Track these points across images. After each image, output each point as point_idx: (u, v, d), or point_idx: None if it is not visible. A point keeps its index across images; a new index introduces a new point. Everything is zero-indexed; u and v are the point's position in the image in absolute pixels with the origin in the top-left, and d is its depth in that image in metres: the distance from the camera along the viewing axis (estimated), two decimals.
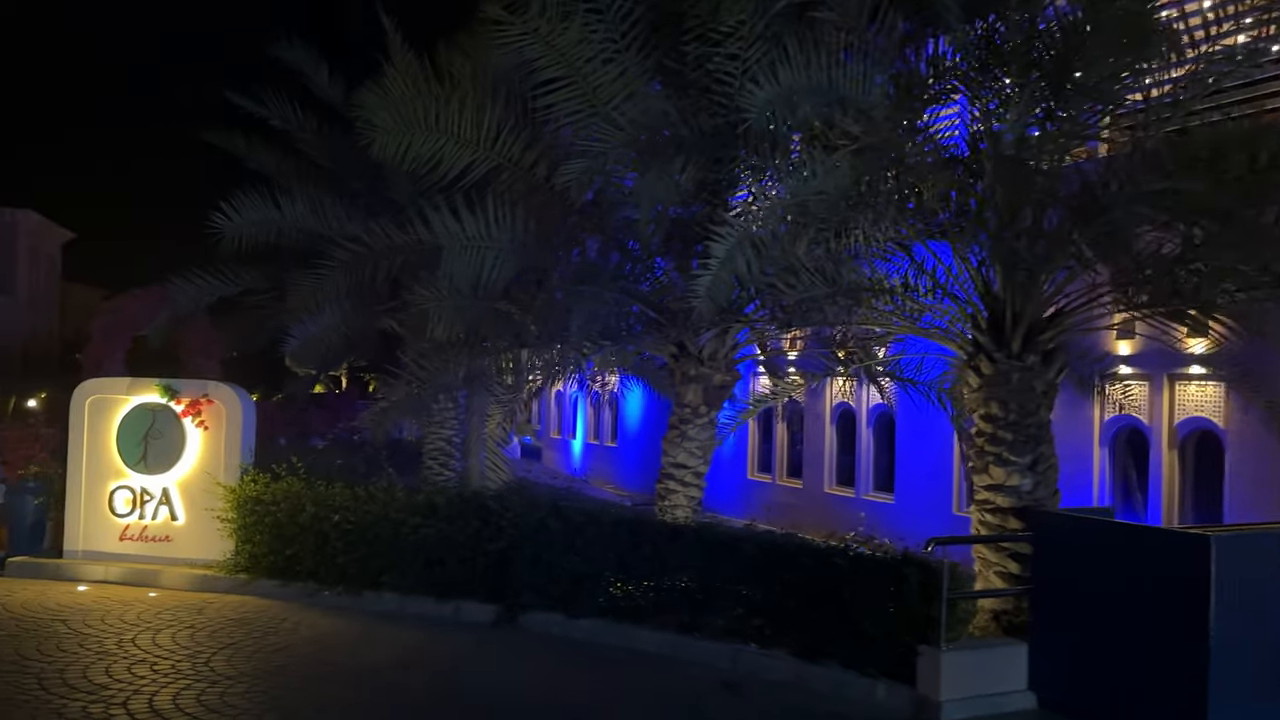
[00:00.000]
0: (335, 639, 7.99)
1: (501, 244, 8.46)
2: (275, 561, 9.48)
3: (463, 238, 8.27)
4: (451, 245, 8.23)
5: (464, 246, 8.27)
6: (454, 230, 8.22)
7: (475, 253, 8.35)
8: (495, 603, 8.57)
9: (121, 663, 7.09)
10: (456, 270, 8.25)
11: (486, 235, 8.37)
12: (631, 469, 24.10)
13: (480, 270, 8.35)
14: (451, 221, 8.22)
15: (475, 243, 8.32)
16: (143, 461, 10.13)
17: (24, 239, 42.24)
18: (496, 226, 8.43)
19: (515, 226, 8.56)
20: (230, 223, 10.25)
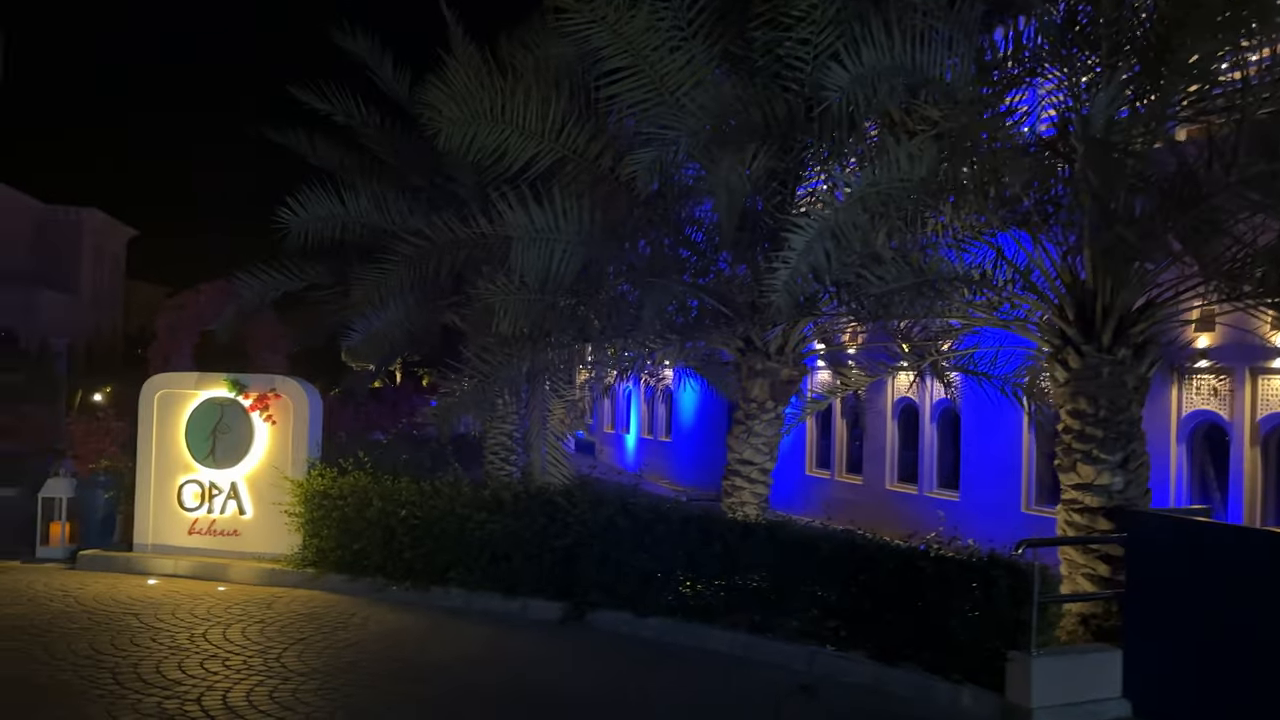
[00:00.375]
0: (404, 635, 7.93)
1: (569, 236, 8.33)
2: (343, 556, 9.47)
3: (532, 230, 8.15)
4: (521, 237, 8.12)
5: (533, 239, 8.16)
6: (523, 223, 8.11)
7: (544, 245, 8.23)
8: (563, 600, 8.45)
9: (194, 658, 7.09)
10: (526, 263, 8.13)
11: (555, 227, 8.25)
12: (686, 464, 23.93)
13: (549, 263, 8.23)
14: (521, 214, 8.10)
15: (544, 235, 8.20)
16: (211, 456, 10.19)
17: (88, 237, 43.24)
18: (564, 219, 8.31)
19: (583, 219, 8.42)
20: (296, 218, 10.29)
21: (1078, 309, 7.25)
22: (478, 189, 11.95)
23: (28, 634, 7.52)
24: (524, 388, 11.98)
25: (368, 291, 10.79)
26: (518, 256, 8.15)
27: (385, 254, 10.50)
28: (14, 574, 9.71)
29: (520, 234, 8.11)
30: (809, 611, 7.39)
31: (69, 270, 41.61)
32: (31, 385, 29.60)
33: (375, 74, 12.44)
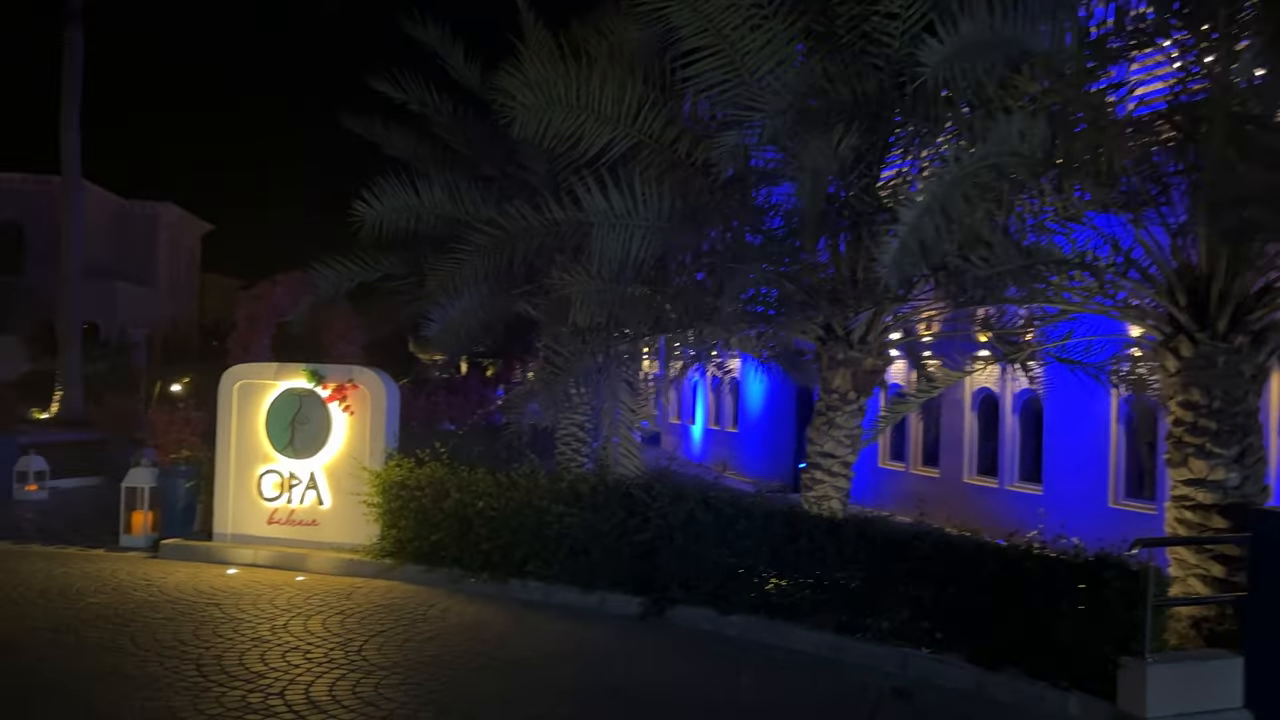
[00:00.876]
0: (483, 629, 7.83)
1: (648, 222, 8.13)
2: (420, 547, 9.42)
3: (610, 216, 7.96)
4: (600, 223, 7.93)
5: (611, 225, 7.97)
6: (602, 208, 7.92)
7: (622, 231, 8.03)
8: (642, 595, 8.28)
9: (276, 650, 7.07)
10: (604, 249, 7.95)
11: (633, 213, 8.04)
12: (754, 455, 23.63)
13: (627, 249, 8.03)
14: (600, 199, 7.91)
15: (622, 220, 8.00)
16: (290, 446, 10.22)
17: (164, 231, 44.31)
18: (643, 204, 8.10)
19: (661, 204, 8.20)
20: (370, 210, 10.26)
21: (1189, 294, 6.84)
22: (550, 177, 11.83)
23: (113, 623, 7.58)
24: (595, 378, 11.87)
25: (442, 281, 10.73)
26: (596, 243, 7.97)
27: (459, 244, 10.45)
28: (99, 562, 9.85)
29: (599, 219, 7.93)
30: (901, 612, 7.10)
31: (146, 263, 42.71)
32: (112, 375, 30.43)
33: (446, 62, 12.38)
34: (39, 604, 8.07)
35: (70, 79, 26.19)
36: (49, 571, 9.28)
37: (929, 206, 5.59)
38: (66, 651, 6.83)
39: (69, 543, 10.76)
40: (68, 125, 26.20)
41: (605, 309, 8.84)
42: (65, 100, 26.12)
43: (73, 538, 11.03)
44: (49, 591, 8.50)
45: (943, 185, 5.71)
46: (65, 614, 7.79)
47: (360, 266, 12.36)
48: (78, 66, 26.15)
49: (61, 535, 11.18)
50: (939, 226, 5.71)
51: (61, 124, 26.21)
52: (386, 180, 10.47)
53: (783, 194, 9.67)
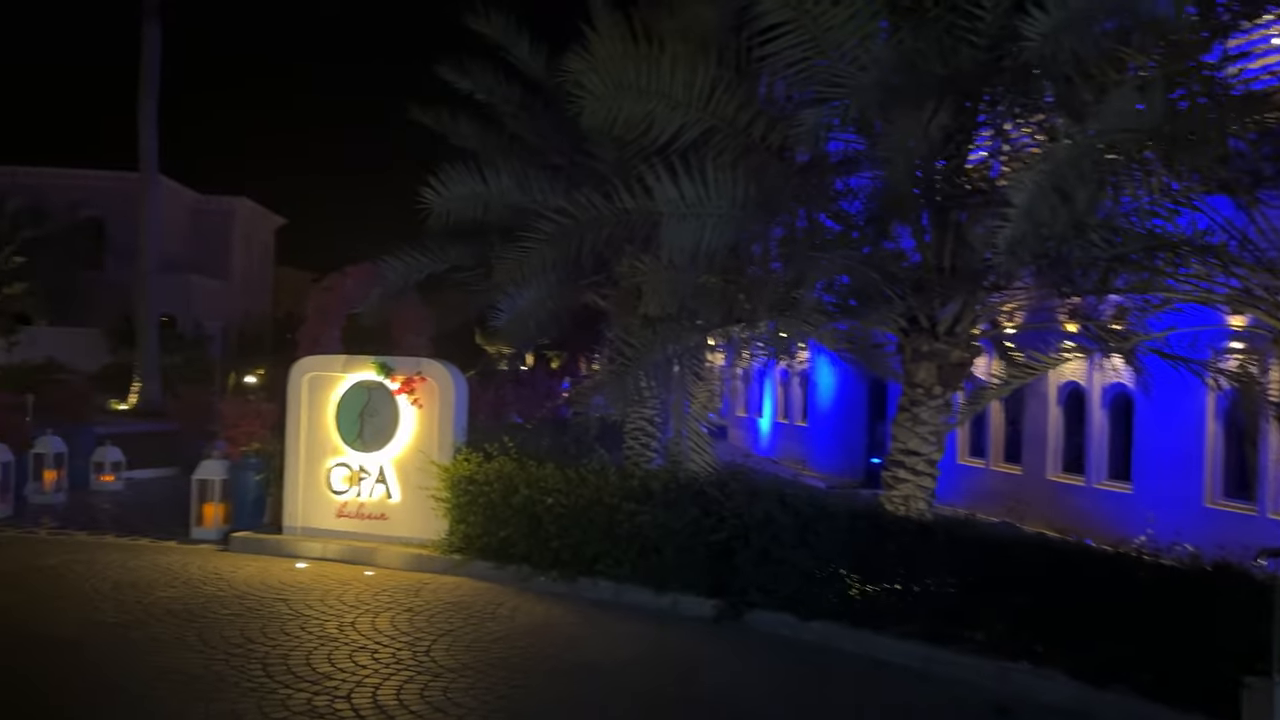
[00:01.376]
0: (553, 630, 7.59)
1: (721, 210, 7.77)
2: (489, 543, 9.23)
3: (681, 204, 7.62)
4: (671, 212, 7.60)
5: (683, 213, 7.62)
6: (672, 196, 7.58)
7: (695, 220, 7.69)
8: (717, 598, 7.96)
9: (343, 649, 6.91)
10: (675, 238, 7.61)
11: (706, 201, 7.68)
12: (824, 450, 23.10)
13: (700, 238, 7.69)
14: (670, 187, 7.57)
15: (695, 209, 7.65)
16: (359, 439, 10.11)
17: (238, 225, 45.18)
18: (715, 191, 7.74)
19: (735, 191, 7.83)
20: (439, 198, 10.11)
21: None
22: (619, 164, 11.52)
23: (182, 619, 7.51)
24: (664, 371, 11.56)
25: (510, 270, 10.50)
26: (667, 232, 7.63)
27: (527, 233, 10.23)
28: (170, 555, 9.85)
29: (669, 208, 7.59)
30: (996, 622, 6.67)
31: (221, 257, 43.60)
32: (188, 367, 31.05)
33: (510, 53, 12.16)
34: (110, 598, 8.05)
35: (148, 75, 26.69)
36: (122, 563, 9.30)
37: (1042, 186, 5.15)
38: (134, 649, 6.75)
39: (142, 534, 10.81)
40: (145, 120, 26.71)
41: (677, 299, 8.52)
42: (143, 96, 26.62)
43: (146, 529, 11.09)
44: (121, 584, 8.48)
45: (1055, 164, 5.26)
46: (135, 609, 7.75)
47: (429, 258, 12.23)
48: (155, 62, 26.64)
49: (135, 527, 11.26)
50: (1054, 207, 5.27)
51: (140, 119, 26.73)
52: (454, 169, 10.30)
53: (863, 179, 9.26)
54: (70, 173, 38.49)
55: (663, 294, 8.28)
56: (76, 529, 10.99)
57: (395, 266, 12.04)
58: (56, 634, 6.98)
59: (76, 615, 7.47)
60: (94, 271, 36.69)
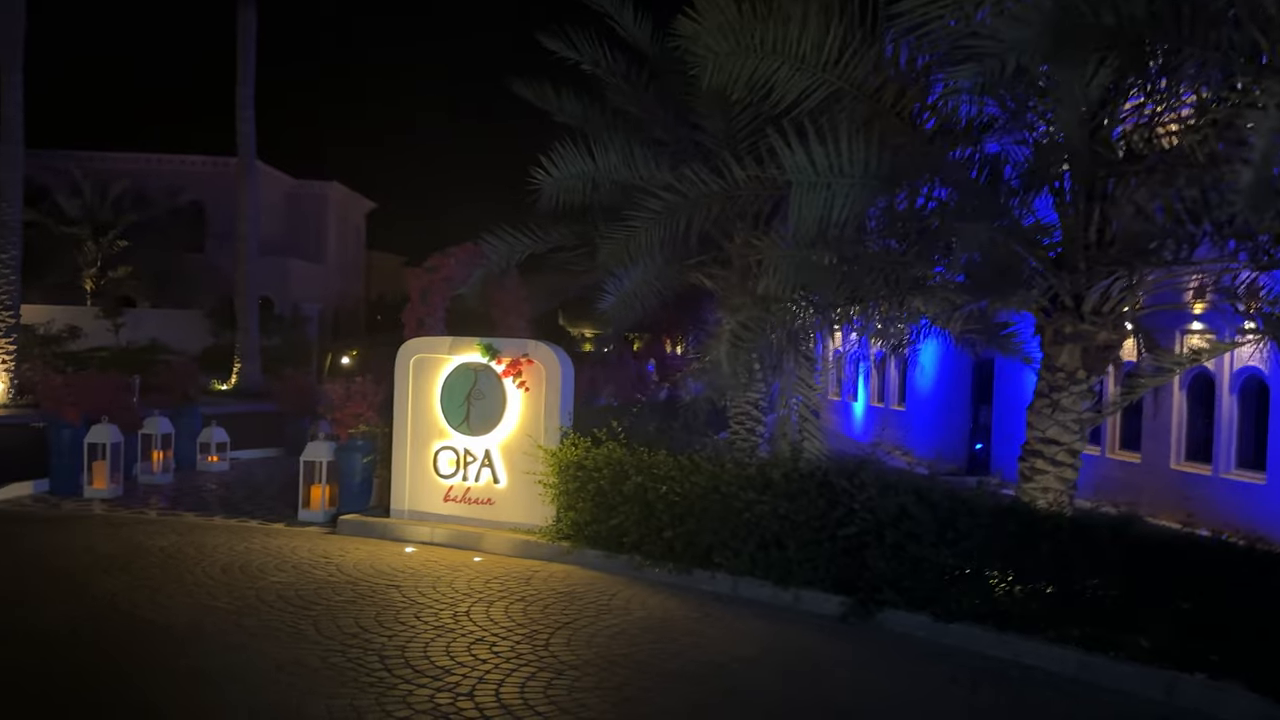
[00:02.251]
0: (672, 625, 7.23)
1: (853, 178, 7.25)
2: (598, 531, 8.92)
3: (812, 172, 7.13)
4: (800, 181, 7.11)
5: (813, 182, 7.13)
6: (803, 165, 7.09)
7: (824, 190, 7.19)
8: (844, 595, 7.51)
9: (460, 641, 6.66)
10: (805, 209, 7.12)
11: (837, 168, 7.18)
12: (922, 435, 22.31)
13: (830, 209, 7.19)
14: (800, 154, 7.08)
15: (825, 177, 7.16)
16: (466, 422, 9.89)
17: (332, 209, 45.89)
18: (849, 158, 7.22)
19: (868, 158, 7.31)
20: (549, 177, 9.83)
21: None
22: (726, 138, 11.09)
23: (295, 605, 7.36)
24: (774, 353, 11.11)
25: (616, 251, 10.17)
26: (794, 203, 7.15)
27: (634, 211, 9.87)
28: (279, 537, 9.79)
29: (798, 177, 7.10)
30: (1163, 628, 6.08)
31: (315, 241, 44.36)
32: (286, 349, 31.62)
33: (616, 22, 11.76)
34: (221, 582, 7.97)
35: (244, 60, 27.07)
36: (231, 546, 9.25)
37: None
38: (248, 637, 6.61)
39: (250, 516, 10.81)
40: (243, 105, 27.10)
41: (798, 278, 8.04)
42: (240, 81, 27.02)
43: (253, 511, 11.10)
44: (231, 568, 8.41)
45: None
46: (247, 594, 7.64)
47: (530, 237, 12.00)
48: (251, 48, 27.00)
49: (242, 508, 11.28)
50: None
51: (237, 104, 27.14)
52: (563, 147, 10.01)
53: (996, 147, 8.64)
54: (169, 158, 39.49)
55: (784, 271, 7.80)
56: (185, 510, 11.05)
57: (497, 246, 11.83)
58: (172, 621, 6.88)
59: (189, 601, 7.38)
60: (194, 255, 37.60)
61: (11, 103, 21.52)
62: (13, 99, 21.51)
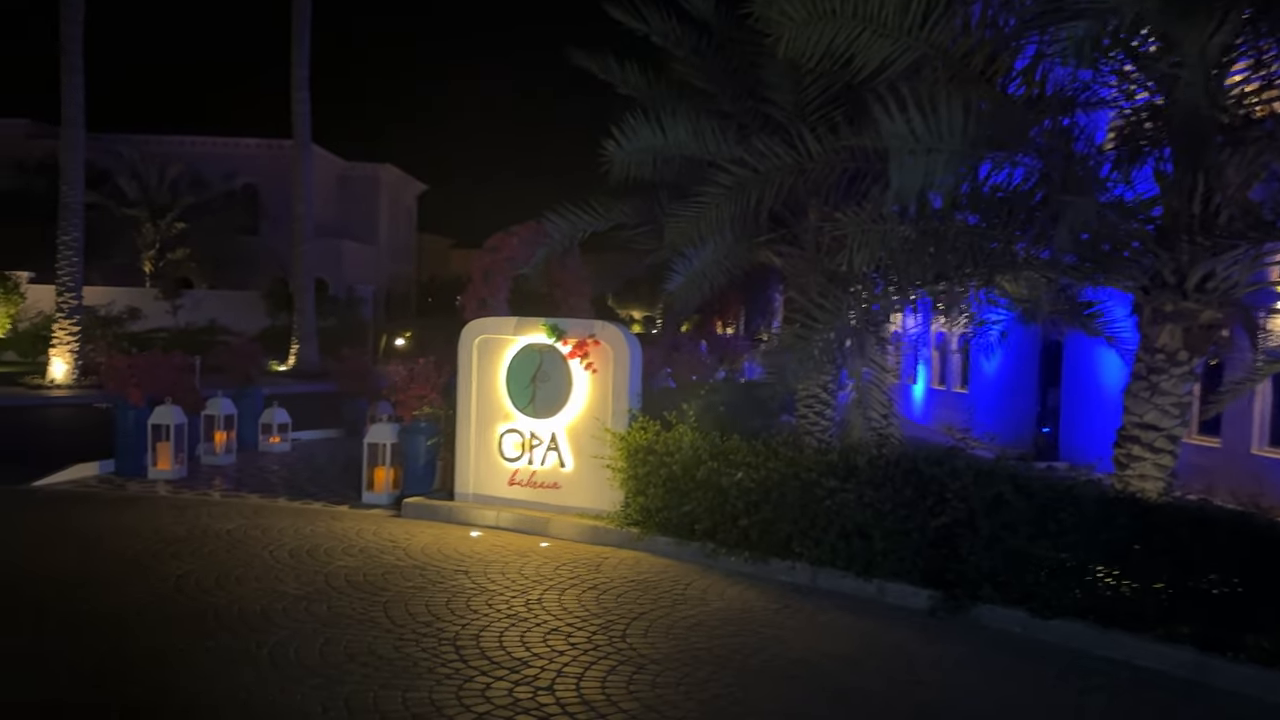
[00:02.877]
0: (752, 617, 6.93)
1: (952, 147, 6.83)
2: (669, 517, 8.64)
3: (911, 141, 6.72)
4: (899, 150, 6.71)
5: (911, 150, 6.73)
6: (902, 132, 6.68)
7: (922, 159, 6.78)
8: (932, 588, 7.15)
9: (535, 631, 6.43)
10: (905, 180, 6.73)
11: (936, 136, 6.77)
12: (985, 418, 21.72)
13: (929, 179, 6.79)
14: (899, 122, 6.67)
15: (925, 144, 6.75)
16: (531, 404, 9.65)
17: (384, 192, 46.06)
18: (947, 127, 6.80)
19: (968, 126, 6.88)
20: (619, 150, 9.52)
21: None
22: (796, 110, 10.67)
23: (364, 591, 7.19)
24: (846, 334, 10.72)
25: (685, 228, 9.83)
26: (894, 171, 6.75)
27: (703, 186, 9.54)
28: (344, 520, 9.65)
29: (898, 144, 6.70)
30: None
31: (368, 223, 44.58)
32: (342, 330, 31.76)
33: None
34: (289, 565, 7.83)
35: (299, 42, 27.06)
36: (297, 529, 9.13)
37: None
38: (319, 624, 6.43)
39: (313, 498, 10.70)
40: (298, 86, 27.12)
41: (884, 254, 7.65)
42: (294, 62, 27.02)
43: (317, 493, 11.00)
44: (298, 552, 8.27)
45: None
46: (315, 578, 7.48)
47: (592, 216, 11.69)
48: (305, 29, 26.97)
49: (306, 490, 11.18)
50: None
51: (293, 85, 27.16)
52: (633, 119, 9.69)
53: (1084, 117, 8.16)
54: (224, 141, 39.85)
55: (869, 247, 7.42)
56: (249, 492, 10.97)
57: (559, 225, 11.55)
58: (242, 608, 6.73)
59: (258, 586, 7.23)
60: (249, 237, 37.94)
61: (72, 86, 21.71)
62: (73, 83, 21.69)
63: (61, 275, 22.23)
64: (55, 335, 22.21)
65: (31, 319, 27.73)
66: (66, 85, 21.65)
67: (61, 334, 22.10)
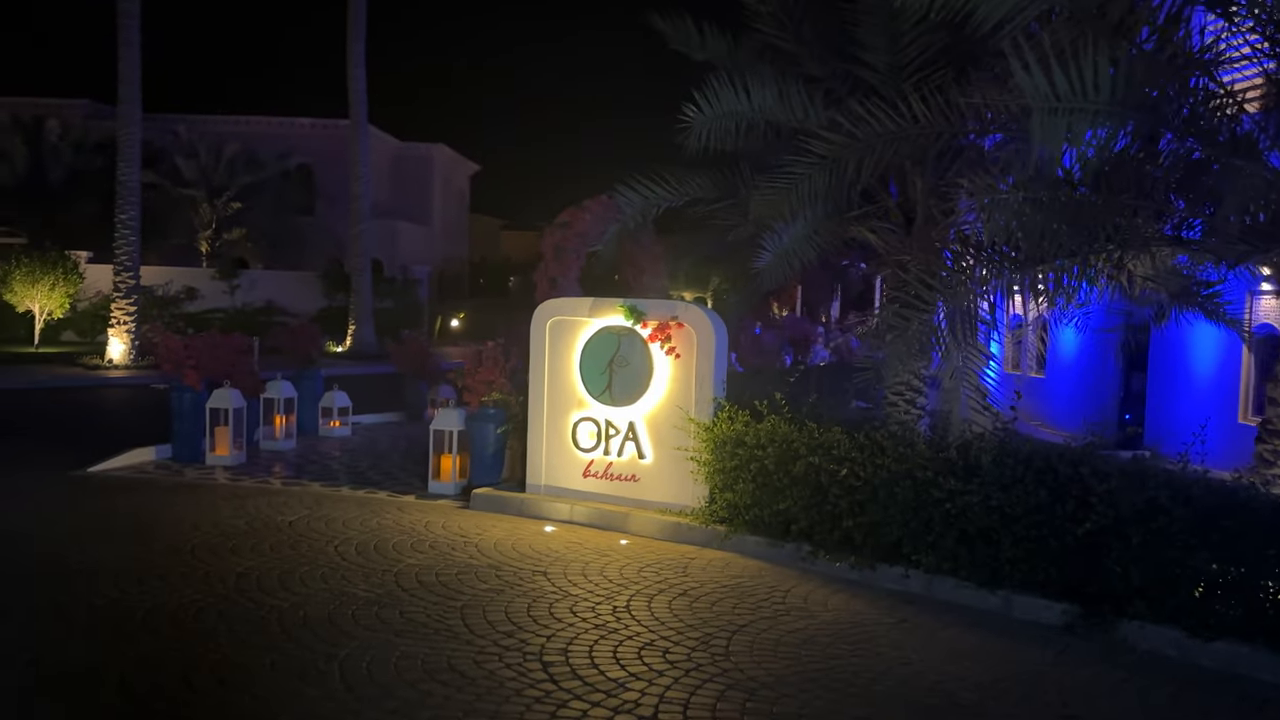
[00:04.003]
0: (865, 632, 6.22)
1: (1099, 105, 6.02)
2: (760, 515, 7.96)
3: (1051, 98, 5.92)
4: (1041, 108, 5.92)
5: (1052, 109, 5.93)
6: (1042, 88, 5.88)
7: (1064, 118, 5.98)
8: (1069, 601, 6.38)
9: (628, 645, 5.79)
10: (1048, 137, 5.93)
11: (1080, 94, 5.96)
12: (1063, 405, 20.68)
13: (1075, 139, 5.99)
14: (1040, 78, 5.87)
15: (1067, 103, 5.95)
16: (608, 391, 9.00)
17: (438, 172, 45.71)
18: (1092, 84, 5.99)
19: (1116, 83, 6.06)
20: (701, 116, 8.84)
21: None
22: (891, 73, 9.84)
23: (438, 595, 6.61)
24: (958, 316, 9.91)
25: (775, 202, 9.10)
26: (1035, 133, 5.97)
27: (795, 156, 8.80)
28: (410, 512, 9.11)
29: (1039, 103, 5.90)
30: None
31: (422, 203, 44.28)
32: (399, 311, 31.45)
33: None
34: (356, 563, 7.28)
35: (355, 17, 26.61)
36: (362, 521, 8.60)
37: None
38: (392, 634, 5.85)
39: (377, 486, 10.19)
40: (354, 62, 26.71)
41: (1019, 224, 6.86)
42: (350, 37, 26.59)
43: (380, 481, 10.49)
44: (365, 547, 7.73)
45: None
46: (385, 579, 6.92)
47: (666, 189, 10.96)
48: (362, 3, 26.50)
49: (369, 478, 10.68)
50: None
51: (349, 61, 26.75)
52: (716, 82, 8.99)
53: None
54: (279, 120, 39.70)
55: (1008, 217, 6.63)
56: (310, 479, 10.49)
57: (631, 199, 10.84)
58: (306, 611, 6.18)
59: (323, 588, 6.68)
60: (304, 217, 37.79)
61: (129, 60, 21.48)
62: (129, 56, 21.46)
63: (119, 254, 22.07)
64: (113, 315, 22.08)
65: (90, 299, 27.75)
66: (123, 59, 21.40)
67: (119, 314, 21.96)
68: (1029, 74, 5.88)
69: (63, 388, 18.82)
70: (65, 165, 32.11)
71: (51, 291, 25.36)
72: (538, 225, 68.68)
